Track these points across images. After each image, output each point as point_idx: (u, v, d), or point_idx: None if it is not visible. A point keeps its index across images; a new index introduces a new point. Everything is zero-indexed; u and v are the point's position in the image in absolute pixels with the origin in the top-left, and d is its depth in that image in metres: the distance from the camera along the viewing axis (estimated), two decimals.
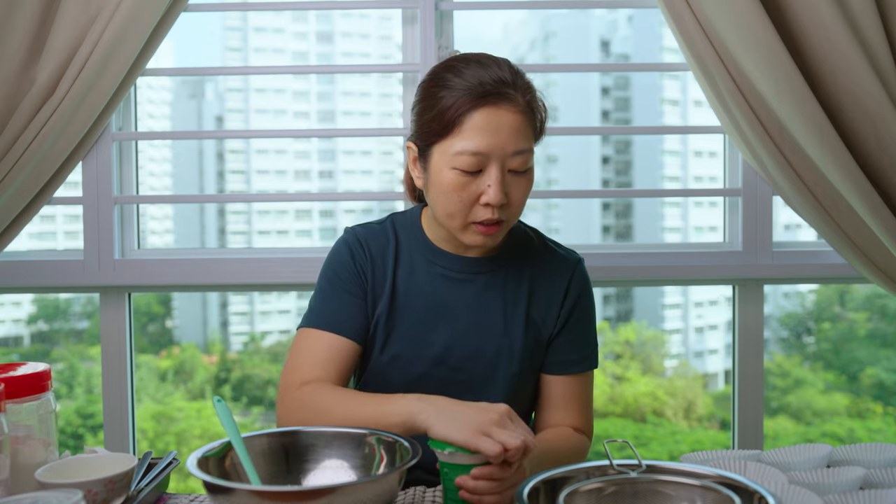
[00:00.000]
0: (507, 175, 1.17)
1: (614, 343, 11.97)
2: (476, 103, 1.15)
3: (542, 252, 1.34)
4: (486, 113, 1.15)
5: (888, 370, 10.56)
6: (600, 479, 0.90)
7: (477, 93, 1.15)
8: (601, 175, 14.23)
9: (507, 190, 1.18)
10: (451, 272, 1.29)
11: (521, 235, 1.35)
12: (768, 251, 1.82)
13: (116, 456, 1.06)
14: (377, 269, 1.30)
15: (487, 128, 1.14)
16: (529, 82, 1.21)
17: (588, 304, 1.34)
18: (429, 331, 1.28)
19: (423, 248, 1.31)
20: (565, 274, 1.31)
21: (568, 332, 1.32)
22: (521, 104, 1.17)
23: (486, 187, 1.16)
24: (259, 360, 11.38)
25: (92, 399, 10.28)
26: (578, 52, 14.73)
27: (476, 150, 1.15)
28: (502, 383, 1.29)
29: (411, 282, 1.29)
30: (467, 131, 1.15)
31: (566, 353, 1.32)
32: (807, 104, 1.57)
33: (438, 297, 1.28)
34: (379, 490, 0.89)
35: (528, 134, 1.18)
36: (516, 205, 1.21)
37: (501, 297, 1.29)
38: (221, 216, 14.50)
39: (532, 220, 1.46)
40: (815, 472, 1.00)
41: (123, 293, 1.88)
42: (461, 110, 1.15)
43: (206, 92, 15.09)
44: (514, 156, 1.16)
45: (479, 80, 1.16)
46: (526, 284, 1.30)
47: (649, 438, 10.19)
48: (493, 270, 1.30)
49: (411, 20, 1.85)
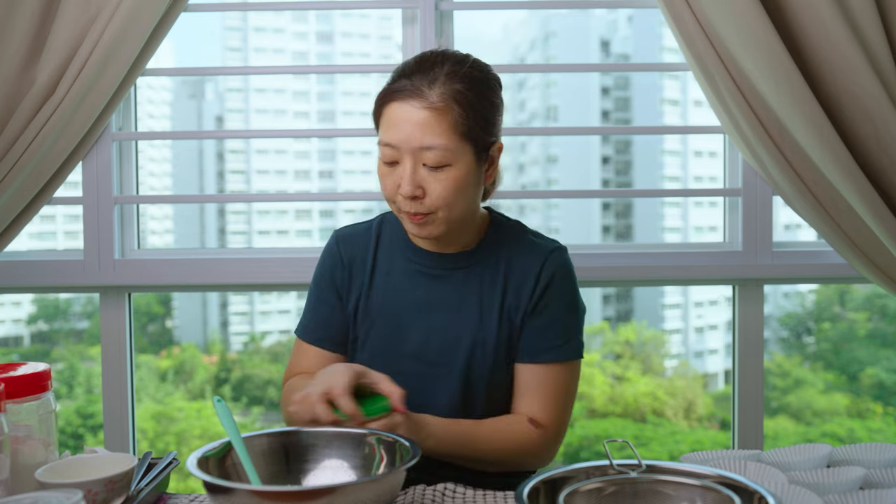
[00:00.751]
0: (420, 168, 1.20)
1: (614, 343, 11.98)
2: (387, 98, 1.21)
3: (520, 244, 1.32)
4: (393, 107, 1.20)
5: (888, 370, 10.57)
6: (600, 479, 0.90)
7: (389, 88, 1.22)
8: (601, 175, 14.24)
9: (423, 183, 1.20)
10: (428, 269, 1.31)
11: (501, 229, 1.34)
12: (768, 251, 1.82)
13: (116, 456, 1.06)
14: (356, 271, 1.35)
15: (394, 122, 1.20)
16: (463, 78, 1.20)
17: (562, 292, 1.30)
18: (406, 327, 1.30)
19: (403, 246, 1.34)
20: (538, 261, 1.30)
21: (537, 318, 1.29)
22: (431, 100, 1.18)
23: (400, 178, 1.20)
24: (259, 360, 11.39)
25: (92, 399, 10.28)
26: (578, 52, 14.73)
27: (387, 143, 1.20)
28: (480, 377, 1.29)
29: (389, 280, 1.33)
30: (383, 125, 1.22)
31: (533, 340, 1.29)
32: (807, 104, 1.57)
33: (415, 295, 1.31)
34: (379, 490, 0.89)
35: (441, 131, 1.18)
36: (437, 199, 1.20)
37: (478, 291, 1.29)
38: (221, 216, 14.51)
39: (532, 220, 1.47)
40: (815, 472, 1.00)
41: (123, 293, 1.88)
42: (379, 104, 1.23)
43: (206, 92, 15.10)
44: (423, 150, 1.18)
45: (398, 75, 1.23)
46: (502, 277, 1.30)
47: (649, 438, 10.19)
48: (470, 265, 1.31)
49: (411, 20, 1.85)
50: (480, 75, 1.24)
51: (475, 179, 1.24)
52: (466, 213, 1.25)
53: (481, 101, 1.22)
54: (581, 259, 1.82)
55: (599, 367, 11.23)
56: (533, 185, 14.13)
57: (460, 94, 1.19)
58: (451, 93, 1.19)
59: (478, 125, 1.21)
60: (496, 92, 1.27)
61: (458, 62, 1.22)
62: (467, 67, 1.22)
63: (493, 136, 1.25)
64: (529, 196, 2.18)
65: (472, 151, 1.21)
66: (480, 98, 1.22)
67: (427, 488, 1.09)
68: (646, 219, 14.17)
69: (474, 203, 1.27)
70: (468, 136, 1.20)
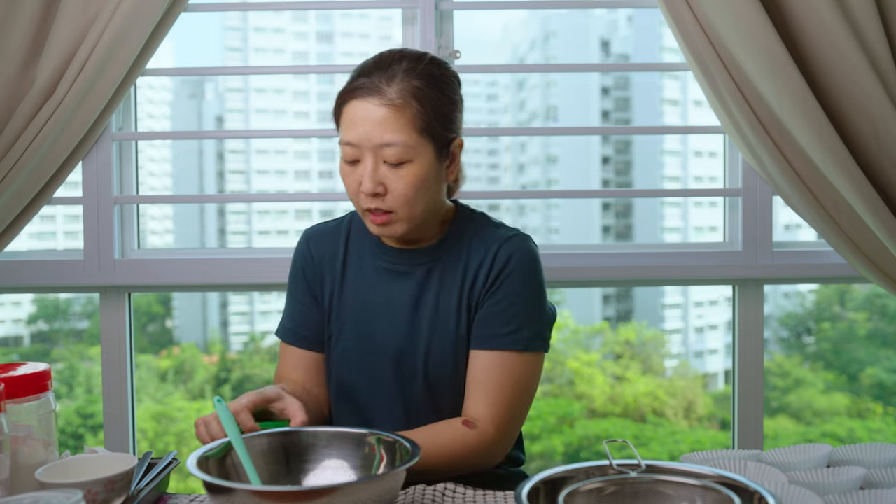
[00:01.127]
0: (381, 166, 1.20)
1: (614, 343, 11.97)
2: (346, 97, 1.22)
3: (481, 234, 1.31)
4: (352, 105, 1.21)
5: (888, 370, 10.56)
6: (600, 479, 0.90)
7: (348, 87, 1.23)
8: (601, 175, 14.24)
9: (384, 180, 1.20)
10: (394, 265, 1.31)
11: (464, 222, 1.33)
12: (768, 251, 1.82)
13: (116, 456, 1.06)
14: (326, 268, 1.36)
15: (353, 120, 1.20)
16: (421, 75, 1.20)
17: (518, 278, 1.26)
18: (374, 325, 1.31)
19: (370, 242, 1.34)
20: (494, 246, 1.27)
21: (489, 303, 1.26)
22: (390, 97, 1.18)
23: (362, 176, 1.21)
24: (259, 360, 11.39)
25: (92, 399, 10.28)
26: (578, 52, 14.73)
27: (348, 141, 1.21)
28: (443, 376, 1.28)
29: (360, 278, 1.33)
30: (343, 123, 1.23)
31: (483, 325, 1.26)
32: (807, 104, 1.57)
33: (382, 291, 1.31)
34: (379, 490, 0.89)
35: (399, 127, 1.18)
36: (398, 197, 1.20)
37: (437, 287, 1.29)
38: (221, 216, 14.51)
39: (532, 220, 1.47)
40: (815, 472, 1.00)
41: (123, 293, 1.88)
42: (339, 103, 1.24)
43: (206, 92, 15.09)
44: (383, 148, 1.19)
45: (357, 74, 1.23)
46: (461, 269, 1.29)
47: (649, 438, 10.19)
48: (434, 260, 1.30)
49: (411, 20, 1.85)
50: (438, 72, 1.24)
51: (436, 176, 1.24)
52: (428, 210, 1.25)
53: (440, 98, 1.22)
54: (581, 259, 1.82)
55: (599, 367, 11.22)
56: (533, 185, 14.12)
57: (419, 91, 1.20)
58: (410, 89, 1.19)
59: (437, 121, 1.21)
60: (455, 88, 1.27)
61: (415, 59, 1.23)
62: (425, 64, 1.23)
63: (452, 133, 1.25)
64: (529, 196, 2.18)
65: (433, 147, 1.22)
66: (439, 94, 1.22)
67: (427, 488, 1.09)
68: (646, 219, 14.17)
69: (436, 199, 1.27)
70: (427, 131, 1.20)
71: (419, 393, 1.29)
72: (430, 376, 1.28)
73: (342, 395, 1.35)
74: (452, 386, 1.29)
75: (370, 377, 1.32)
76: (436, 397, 1.29)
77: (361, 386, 1.32)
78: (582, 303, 12.94)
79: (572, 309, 12.08)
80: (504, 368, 1.24)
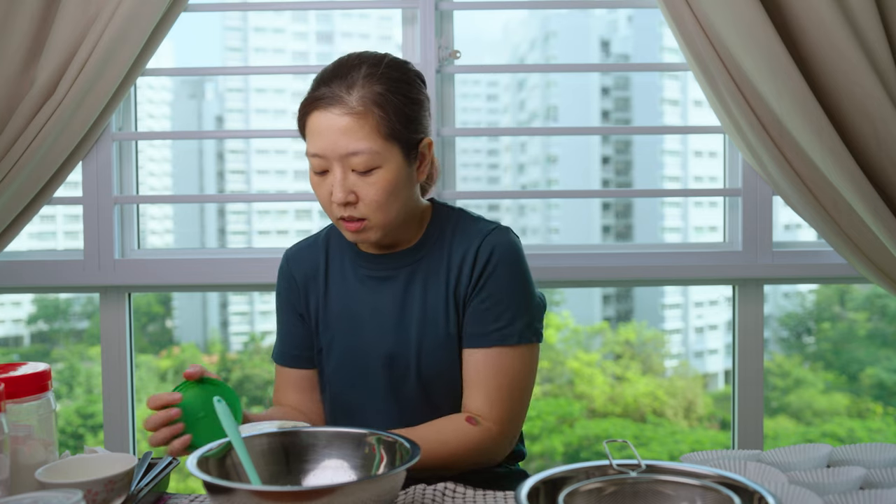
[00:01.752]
0: (350, 174, 1.20)
1: (614, 343, 11.97)
2: (308, 108, 1.22)
3: (460, 230, 1.30)
4: (315, 117, 1.20)
5: (888, 370, 10.56)
6: (600, 479, 0.90)
7: (309, 98, 1.22)
8: (601, 175, 14.23)
9: (354, 188, 1.20)
10: (375, 272, 1.31)
11: (442, 220, 1.32)
12: (768, 251, 1.82)
13: (116, 456, 1.06)
14: (310, 286, 1.36)
15: (317, 131, 1.20)
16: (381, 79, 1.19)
17: (501, 273, 1.25)
18: (363, 333, 1.30)
19: (350, 253, 1.34)
20: (475, 242, 1.27)
21: (477, 300, 1.25)
22: (351, 105, 1.18)
23: (332, 186, 1.20)
24: (259, 360, 11.39)
25: (92, 399, 10.27)
26: (578, 52, 14.73)
27: (314, 153, 1.21)
28: (438, 375, 1.28)
29: (343, 289, 1.33)
30: (308, 135, 1.22)
31: (474, 323, 1.25)
32: (807, 104, 1.57)
33: (367, 299, 1.31)
34: (379, 490, 0.89)
35: (364, 135, 1.18)
36: (371, 204, 1.20)
37: (422, 288, 1.28)
38: (221, 216, 14.50)
39: (532, 220, 1.47)
40: (815, 472, 1.00)
41: (123, 293, 1.88)
42: (301, 115, 1.23)
43: (206, 92, 15.09)
44: (349, 156, 1.19)
45: (317, 83, 1.22)
46: (444, 268, 1.28)
47: (649, 438, 10.18)
48: (414, 262, 1.30)
49: (411, 20, 1.85)
50: (398, 74, 1.23)
51: (407, 178, 1.23)
52: (402, 214, 1.25)
53: (402, 100, 1.21)
54: (581, 259, 1.82)
55: (599, 367, 11.22)
56: (533, 185, 14.12)
57: (379, 97, 1.19)
58: (371, 95, 1.18)
59: (401, 124, 1.20)
60: (418, 88, 1.26)
61: (374, 64, 1.21)
62: (384, 68, 1.21)
63: (419, 133, 1.24)
64: (529, 196, 2.18)
65: (400, 151, 1.21)
66: (401, 97, 1.21)
67: (427, 488, 1.09)
68: (646, 219, 14.17)
69: (409, 202, 1.26)
70: (392, 136, 1.20)
71: (414, 394, 1.29)
72: (424, 377, 1.28)
73: (337, 407, 1.35)
74: (447, 384, 1.29)
75: (363, 385, 1.31)
76: (431, 397, 1.29)
77: (355, 394, 1.32)
78: (582, 303, 12.94)
79: (572, 309, 12.08)
80: (500, 365, 1.24)
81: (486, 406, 1.23)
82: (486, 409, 1.23)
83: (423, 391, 1.29)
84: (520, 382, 1.25)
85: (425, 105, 1.27)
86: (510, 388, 1.24)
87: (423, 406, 1.29)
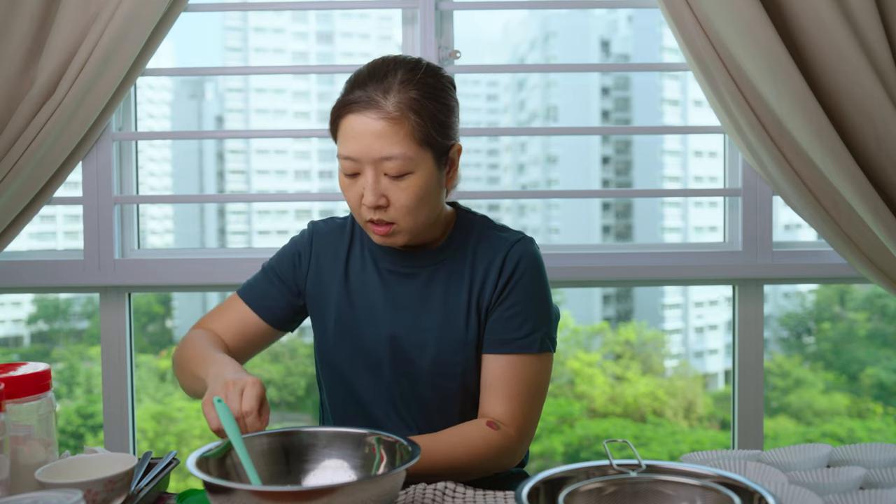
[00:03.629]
0: (382, 178, 1.20)
1: (614, 343, 11.97)
2: (342, 111, 1.21)
3: (485, 238, 1.31)
4: (350, 120, 1.20)
5: (888, 370, 10.56)
6: (600, 479, 0.90)
7: (344, 100, 1.22)
8: (601, 175, 14.24)
9: (385, 192, 1.20)
10: (396, 267, 1.32)
11: (466, 225, 1.33)
12: (768, 251, 1.82)
13: (116, 456, 1.06)
14: (324, 265, 1.36)
15: (351, 134, 1.20)
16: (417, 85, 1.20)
17: (526, 282, 1.28)
18: (376, 325, 1.31)
19: (372, 244, 1.35)
20: (502, 251, 1.28)
21: (501, 308, 1.27)
22: (387, 110, 1.18)
23: (363, 189, 1.20)
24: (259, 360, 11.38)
25: (92, 399, 10.27)
26: (578, 52, 14.73)
27: (346, 156, 1.21)
28: (452, 377, 1.29)
29: (362, 277, 1.34)
30: (341, 137, 1.22)
31: (497, 330, 1.27)
32: (807, 104, 1.57)
33: (384, 293, 1.31)
34: (379, 490, 0.89)
35: (398, 140, 1.18)
36: (401, 209, 1.20)
37: (443, 289, 1.29)
38: (221, 216, 14.50)
39: (532, 220, 1.47)
40: (815, 472, 1.00)
41: (123, 293, 1.88)
42: (335, 117, 1.23)
43: (206, 92, 15.09)
44: (383, 161, 1.19)
45: (351, 86, 1.22)
46: (468, 273, 1.29)
47: (649, 438, 10.18)
48: (436, 263, 1.31)
49: (411, 20, 1.85)
50: (434, 81, 1.23)
51: (437, 185, 1.24)
52: (430, 218, 1.26)
53: (437, 107, 1.21)
54: (581, 259, 1.82)
55: (599, 367, 11.22)
56: (533, 185, 14.12)
57: (416, 103, 1.19)
58: (407, 101, 1.19)
59: (435, 131, 1.21)
60: (451, 94, 1.26)
61: (411, 69, 1.22)
62: (421, 74, 1.22)
63: (451, 140, 1.25)
64: (529, 196, 2.18)
65: (432, 157, 1.22)
66: (436, 103, 1.21)
67: (427, 487, 1.09)
68: (646, 219, 14.17)
69: (437, 207, 1.27)
70: (426, 142, 1.20)
71: (425, 392, 1.30)
72: (438, 375, 1.29)
73: (346, 395, 1.35)
74: (459, 385, 1.29)
75: (375, 378, 1.32)
76: (442, 396, 1.30)
77: (365, 385, 1.32)
78: (582, 303, 12.94)
79: (572, 309, 12.08)
80: (520, 372, 1.26)
81: (508, 412, 1.25)
82: (507, 414, 1.25)
83: (435, 390, 1.30)
84: (537, 390, 1.28)
85: (456, 111, 1.28)
86: (529, 395, 1.26)
87: (432, 404, 1.30)
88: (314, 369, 1.46)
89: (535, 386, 1.27)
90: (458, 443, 1.20)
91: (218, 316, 1.39)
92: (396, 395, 1.31)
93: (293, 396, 10.42)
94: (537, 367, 1.27)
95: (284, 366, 10.39)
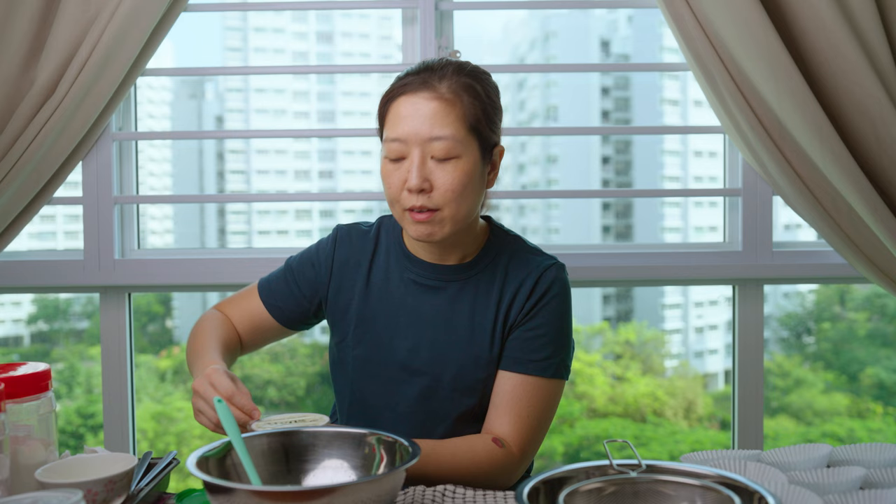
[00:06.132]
0: (428, 161, 1.20)
1: (614, 343, 11.98)
2: (395, 94, 1.23)
3: (518, 258, 1.31)
4: (402, 101, 1.21)
5: (888, 370, 10.57)
6: (600, 479, 0.90)
7: (397, 85, 1.23)
8: (601, 175, 14.25)
9: (430, 176, 1.19)
10: (424, 279, 1.30)
11: (499, 243, 1.33)
12: (768, 251, 1.82)
13: (116, 456, 1.06)
14: (345, 274, 1.34)
15: (403, 115, 1.20)
16: (470, 74, 1.23)
17: (554, 307, 1.28)
18: (397, 336, 1.30)
19: (399, 253, 1.33)
20: (534, 275, 1.28)
21: (525, 328, 1.27)
22: (441, 91, 1.19)
23: (407, 173, 1.20)
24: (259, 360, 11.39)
25: (92, 399, 10.28)
26: (578, 52, 14.74)
27: (395, 137, 1.20)
28: (472, 392, 1.28)
29: (385, 286, 1.32)
30: (390, 121, 1.22)
31: (517, 349, 1.26)
32: (807, 104, 1.57)
33: (409, 303, 1.30)
34: (379, 490, 0.89)
35: (450, 121, 1.19)
36: (445, 192, 1.19)
37: (471, 305, 1.29)
38: (221, 216, 14.51)
39: (532, 220, 1.47)
40: (815, 472, 1.00)
41: (123, 293, 1.88)
42: (385, 101, 1.24)
43: (206, 92, 15.10)
44: (431, 142, 1.19)
45: (402, 75, 1.24)
46: (497, 291, 1.29)
47: (649, 438, 10.19)
48: (465, 278, 1.30)
49: (411, 20, 1.85)
50: (485, 77, 1.27)
51: (480, 178, 1.24)
52: (469, 215, 1.24)
53: (488, 98, 1.24)
54: (581, 259, 1.82)
55: (599, 368, 11.23)
56: (533, 185, 14.13)
57: (469, 87, 1.21)
58: (461, 84, 1.21)
59: (484, 120, 1.22)
60: (498, 95, 1.29)
61: (461, 65, 1.25)
62: (472, 68, 1.26)
63: (496, 136, 1.26)
64: (529, 196, 2.18)
65: (478, 147, 1.22)
66: (487, 94, 1.24)
67: (427, 488, 1.09)
68: (646, 219, 14.18)
69: (477, 204, 1.26)
70: (475, 129, 1.21)
71: (441, 405, 1.29)
72: (457, 391, 1.28)
73: (356, 402, 1.34)
74: (477, 401, 1.29)
75: (389, 387, 1.31)
76: (457, 410, 1.29)
77: (378, 394, 1.32)
78: (582, 303, 12.95)
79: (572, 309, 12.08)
80: (533, 393, 1.26)
81: (514, 432, 1.24)
82: (513, 434, 1.24)
83: (452, 403, 1.29)
84: (545, 414, 1.27)
85: (500, 113, 1.29)
86: (536, 418, 1.26)
87: (446, 418, 1.30)
88: (314, 369, 1.46)
89: (544, 410, 1.27)
90: (462, 453, 1.19)
91: (237, 303, 1.41)
92: (405, 407, 1.30)
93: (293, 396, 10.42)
94: (549, 392, 1.27)
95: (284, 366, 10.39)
